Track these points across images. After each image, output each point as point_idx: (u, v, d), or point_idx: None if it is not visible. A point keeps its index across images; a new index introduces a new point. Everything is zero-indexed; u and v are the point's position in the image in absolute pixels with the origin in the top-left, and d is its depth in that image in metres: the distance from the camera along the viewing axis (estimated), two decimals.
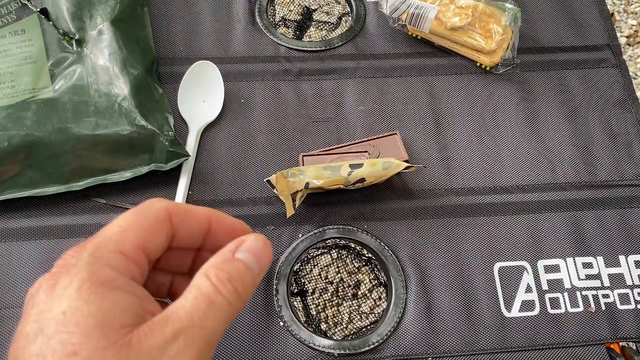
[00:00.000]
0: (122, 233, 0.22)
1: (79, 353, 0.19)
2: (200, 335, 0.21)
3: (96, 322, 0.20)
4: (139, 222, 0.23)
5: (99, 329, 0.20)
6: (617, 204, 0.50)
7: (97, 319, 0.20)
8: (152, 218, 0.23)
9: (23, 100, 0.48)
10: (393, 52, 0.57)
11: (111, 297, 0.20)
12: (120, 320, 0.20)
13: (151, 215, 0.23)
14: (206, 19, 0.57)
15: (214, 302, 0.21)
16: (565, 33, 0.59)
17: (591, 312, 0.45)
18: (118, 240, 0.22)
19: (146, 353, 0.20)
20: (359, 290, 0.47)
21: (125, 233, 0.22)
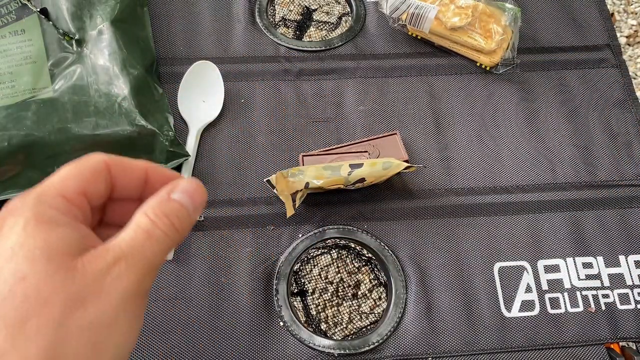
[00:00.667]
0: (64, 181, 0.24)
1: (27, 278, 0.20)
2: (139, 261, 0.22)
3: (43, 253, 0.21)
4: (79, 171, 0.25)
5: (46, 257, 0.21)
6: (617, 204, 0.50)
7: (44, 250, 0.21)
8: (91, 167, 0.25)
9: (23, 100, 0.47)
10: (393, 52, 0.57)
11: (56, 232, 0.22)
12: (66, 251, 0.22)
13: (90, 165, 0.25)
14: (206, 19, 0.57)
15: (152, 234, 0.23)
16: (565, 33, 0.59)
17: (591, 312, 0.45)
18: (60, 186, 0.24)
19: (90, 276, 0.21)
20: (359, 290, 0.47)
21: (67, 180, 0.24)
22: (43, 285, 0.21)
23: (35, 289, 0.20)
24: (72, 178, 0.24)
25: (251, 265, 0.46)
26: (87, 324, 0.21)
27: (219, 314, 0.44)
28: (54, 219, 0.22)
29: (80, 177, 0.24)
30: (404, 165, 0.45)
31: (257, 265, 0.46)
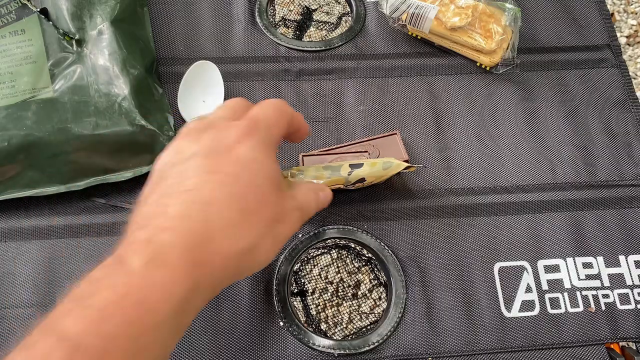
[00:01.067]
0: (279, 121, 0.35)
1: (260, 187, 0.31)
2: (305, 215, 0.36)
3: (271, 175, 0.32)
4: (283, 119, 0.35)
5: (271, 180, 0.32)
6: (617, 204, 0.50)
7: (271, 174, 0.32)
8: (289, 117, 0.36)
9: (23, 100, 0.47)
10: (393, 52, 0.57)
11: (275, 163, 0.33)
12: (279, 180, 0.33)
13: (288, 114, 0.36)
14: (206, 19, 0.57)
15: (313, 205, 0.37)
16: (565, 33, 0.59)
17: (591, 312, 0.45)
18: (277, 127, 0.34)
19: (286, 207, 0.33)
20: (359, 290, 0.47)
21: (280, 122, 0.35)
22: (267, 197, 0.31)
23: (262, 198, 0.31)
24: (282, 120, 0.35)
25: None
26: (274, 236, 0.32)
27: (218, 314, 0.44)
28: (274, 152, 0.33)
29: (285, 121, 0.35)
30: (404, 165, 0.45)
31: None
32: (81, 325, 0.24)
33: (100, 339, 0.24)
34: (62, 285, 0.45)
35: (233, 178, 0.30)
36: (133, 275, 0.26)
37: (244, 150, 0.31)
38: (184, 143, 0.32)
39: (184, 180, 0.30)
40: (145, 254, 0.26)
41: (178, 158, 0.31)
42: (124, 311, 0.25)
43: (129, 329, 0.24)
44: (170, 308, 0.26)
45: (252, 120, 0.33)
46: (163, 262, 0.26)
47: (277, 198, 0.32)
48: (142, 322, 0.25)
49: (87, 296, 0.25)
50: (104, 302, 0.25)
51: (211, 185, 0.29)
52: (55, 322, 0.24)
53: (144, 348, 0.25)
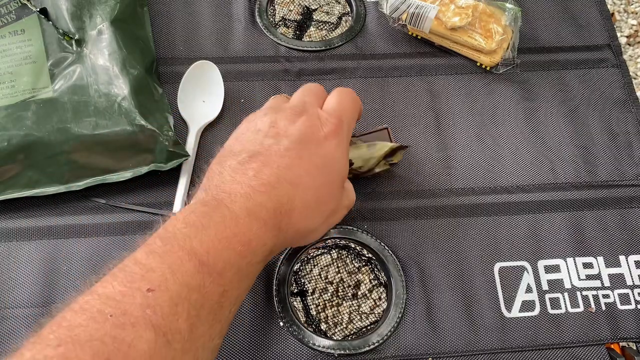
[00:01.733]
0: (355, 115, 0.41)
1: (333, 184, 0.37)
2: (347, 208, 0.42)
3: (343, 172, 0.38)
4: (358, 109, 0.41)
5: (342, 175, 0.38)
6: (618, 204, 0.50)
7: (343, 171, 0.38)
8: (360, 110, 0.42)
9: (23, 100, 0.47)
10: (393, 52, 0.57)
11: (347, 159, 0.39)
12: (346, 175, 0.39)
13: (360, 108, 0.42)
14: (206, 19, 0.57)
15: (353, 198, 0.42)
16: (565, 33, 0.59)
17: (591, 312, 0.45)
18: (354, 119, 0.41)
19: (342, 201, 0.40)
20: (359, 291, 0.47)
21: (356, 115, 0.41)
22: (335, 192, 0.38)
23: (333, 193, 0.37)
24: (358, 115, 0.41)
25: None
26: (330, 222, 0.39)
27: None
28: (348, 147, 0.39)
29: (359, 115, 0.42)
30: (389, 145, 0.46)
31: None
32: (205, 247, 0.29)
33: (220, 260, 0.29)
34: (62, 285, 0.45)
35: (318, 170, 0.35)
36: (239, 220, 0.31)
37: (331, 147, 0.36)
38: (280, 119, 0.36)
39: (278, 156, 0.34)
40: (246, 206, 0.32)
41: (274, 131, 0.36)
42: (235, 247, 0.30)
43: (239, 260, 0.30)
44: (263, 254, 0.32)
45: (339, 119, 0.37)
46: (260, 217, 0.32)
47: (340, 194, 0.38)
48: (247, 257, 0.31)
49: (204, 227, 0.30)
50: (220, 235, 0.30)
51: (300, 170, 0.34)
52: (180, 240, 0.29)
53: (246, 277, 0.32)
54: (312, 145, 0.35)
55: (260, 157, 0.34)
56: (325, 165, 0.36)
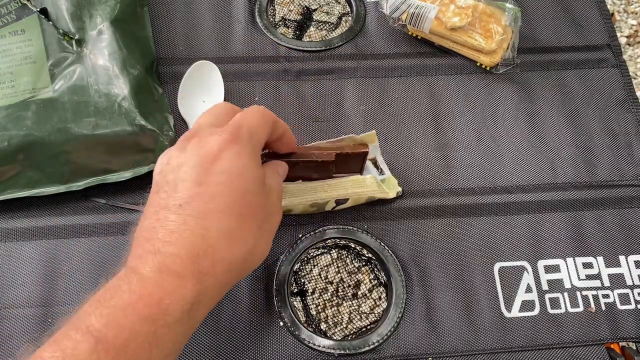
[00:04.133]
0: (261, 126, 0.35)
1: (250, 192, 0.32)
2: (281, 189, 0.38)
3: (257, 177, 0.33)
4: (266, 123, 0.35)
5: (258, 182, 0.33)
6: (618, 204, 0.50)
7: (257, 176, 0.33)
8: (271, 121, 0.36)
9: (23, 100, 0.47)
10: (393, 52, 0.57)
11: (260, 165, 0.34)
12: (263, 181, 0.34)
13: (270, 119, 0.36)
14: (206, 19, 0.57)
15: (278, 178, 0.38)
16: (565, 33, 0.59)
17: (591, 312, 0.45)
18: (260, 132, 0.35)
19: (272, 202, 0.36)
20: (359, 290, 0.47)
21: (263, 127, 0.35)
22: (257, 200, 0.33)
23: (254, 201, 0.33)
24: (264, 128, 0.35)
25: None
26: (267, 231, 0.35)
27: (218, 314, 0.44)
28: (258, 155, 0.34)
29: (267, 127, 0.36)
30: (387, 194, 0.48)
31: None
32: (104, 321, 0.27)
33: (122, 332, 0.27)
34: (62, 286, 0.45)
35: (223, 187, 0.31)
36: (147, 281, 0.28)
37: (231, 157, 0.32)
38: (173, 153, 0.33)
39: (177, 193, 0.31)
40: (155, 263, 0.29)
41: (169, 168, 0.33)
42: (141, 310, 0.27)
43: (146, 326, 0.27)
44: (182, 310, 0.29)
45: (235, 127, 0.33)
46: (172, 271, 0.29)
47: (264, 196, 0.34)
48: (157, 320, 0.28)
49: (107, 299, 0.28)
50: (123, 303, 0.28)
51: (203, 198, 0.31)
52: (80, 320, 0.27)
53: (159, 343, 0.28)
54: (208, 164, 0.31)
55: (162, 204, 0.31)
56: (232, 178, 0.32)
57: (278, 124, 0.37)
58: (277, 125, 0.37)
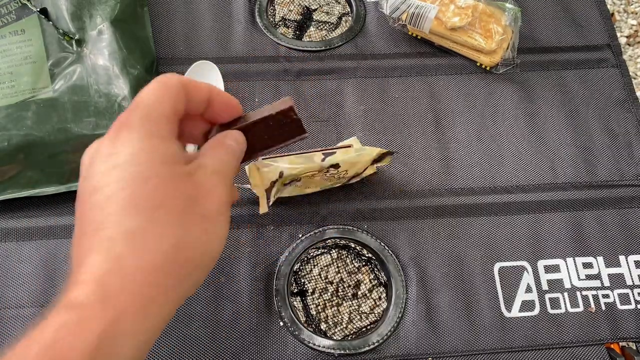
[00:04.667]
0: (161, 102, 0.28)
1: (151, 178, 0.25)
2: (226, 177, 0.29)
3: (162, 158, 0.26)
4: (169, 92, 0.28)
5: (164, 163, 0.26)
6: (618, 204, 0.50)
7: (161, 157, 0.26)
8: (176, 88, 0.29)
9: (23, 100, 0.47)
10: (393, 52, 0.57)
11: (165, 145, 0.27)
12: (175, 159, 0.27)
13: (174, 85, 0.29)
14: (206, 19, 0.57)
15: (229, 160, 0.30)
16: (565, 33, 0.59)
17: (591, 312, 0.45)
18: (160, 108, 0.28)
19: (198, 182, 0.28)
20: (359, 290, 0.47)
21: (163, 102, 0.28)
22: (167, 184, 0.26)
23: (162, 186, 0.26)
24: (167, 99, 0.28)
25: (251, 265, 0.46)
26: (201, 216, 0.27)
27: (218, 314, 0.44)
28: (160, 134, 0.27)
29: (171, 98, 0.28)
30: (377, 150, 0.44)
31: (257, 265, 0.46)
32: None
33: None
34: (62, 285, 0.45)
35: (116, 184, 0.25)
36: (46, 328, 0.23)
37: (121, 146, 0.26)
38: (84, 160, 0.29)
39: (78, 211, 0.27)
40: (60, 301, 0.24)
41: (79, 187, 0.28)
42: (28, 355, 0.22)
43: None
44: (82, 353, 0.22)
45: (126, 113, 0.27)
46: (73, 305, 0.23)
47: (183, 176, 0.27)
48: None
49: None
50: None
51: (99, 205, 0.25)
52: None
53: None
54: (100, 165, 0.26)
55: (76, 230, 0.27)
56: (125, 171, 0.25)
57: (194, 89, 0.30)
58: (193, 91, 0.29)
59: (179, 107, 0.29)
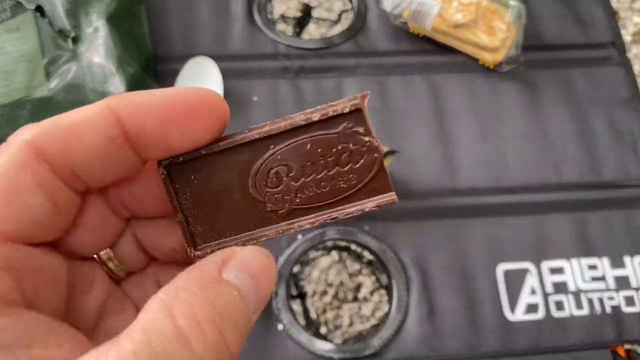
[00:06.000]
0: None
1: None
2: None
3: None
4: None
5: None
6: (623, 204, 0.50)
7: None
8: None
9: (18, 99, 0.47)
10: (394, 50, 0.56)
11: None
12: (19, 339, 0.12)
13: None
14: (204, 16, 0.57)
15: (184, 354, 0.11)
16: (569, 30, 0.58)
17: (596, 315, 0.45)
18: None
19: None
20: (359, 293, 0.46)
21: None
22: None
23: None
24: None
25: None
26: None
27: None
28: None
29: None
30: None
31: None
32: None
33: None
34: None
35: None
36: None
37: None
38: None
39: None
40: None
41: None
42: None
43: None
44: None
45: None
46: None
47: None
48: None
49: None
50: None
51: None
52: None
53: None
54: None
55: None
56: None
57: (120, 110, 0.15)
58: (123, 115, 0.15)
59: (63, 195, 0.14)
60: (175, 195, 0.16)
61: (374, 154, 0.16)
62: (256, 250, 0.15)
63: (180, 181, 0.16)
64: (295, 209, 0.17)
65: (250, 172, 0.17)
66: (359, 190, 0.17)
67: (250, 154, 0.17)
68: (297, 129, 0.16)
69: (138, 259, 0.17)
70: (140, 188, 0.16)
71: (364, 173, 0.16)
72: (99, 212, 0.16)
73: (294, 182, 0.16)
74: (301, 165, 0.16)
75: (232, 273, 0.14)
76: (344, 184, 0.17)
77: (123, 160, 0.15)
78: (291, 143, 0.16)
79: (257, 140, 0.17)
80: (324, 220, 0.17)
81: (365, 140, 0.17)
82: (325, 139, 0.17)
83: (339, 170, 0.17)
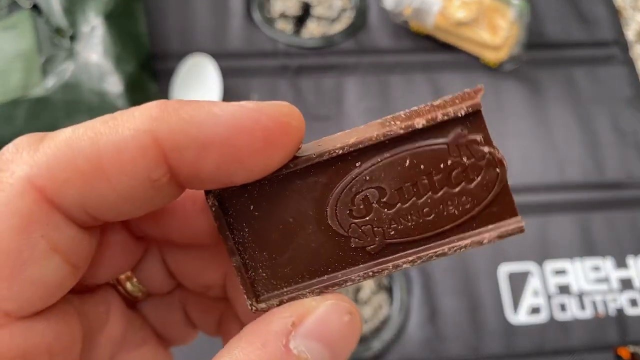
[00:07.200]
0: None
1: None
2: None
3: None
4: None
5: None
6: (626, 204, 0.49)
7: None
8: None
9: (14, 99, 0.47)
10: (395, 48, 0.56)
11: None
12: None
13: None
14: (202, 14, 0.56)
15: None
16: (572, 29, 0.58)
17: (599, 318, 0.45)
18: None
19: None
20: (360, 295, 0.46)
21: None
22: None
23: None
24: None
25: None
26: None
27: None
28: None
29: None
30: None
31: None
32: None
33: None
34: None
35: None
36: None
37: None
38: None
39: None
40: None
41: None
42: None
43: None
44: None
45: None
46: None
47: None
48: None
49: None
50: None
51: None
52: None
53: None
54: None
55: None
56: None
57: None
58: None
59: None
60: (230, 231, 0.13)
61: (495, 169, 0.13)
62: (336, 306, 0.12)
63: (235, 214, 0.13)
64: (390, 244, 0.13)
65: (329, 199, 0.13)
66: (473, 218, 0.13)
67: (329, 175, 0.13)
68: (393, 140, 0.13)
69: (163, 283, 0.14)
70: (173, 220, 0.13)
71: (482, 194, 0.13)
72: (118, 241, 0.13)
73: (387, 210, 0.13)
74: (397, 188, 0.13)
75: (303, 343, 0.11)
76: (454, 209, 0.13)
77: (162, 198, 0.12)
78: (384, 159, 0.13)
79: (337, 157, 0.13)
80: (428, 258, 0.14)
81: (484, 151, 0.13)
82: (431, 152, 0.13)
83: (447, 192, 0.13)
